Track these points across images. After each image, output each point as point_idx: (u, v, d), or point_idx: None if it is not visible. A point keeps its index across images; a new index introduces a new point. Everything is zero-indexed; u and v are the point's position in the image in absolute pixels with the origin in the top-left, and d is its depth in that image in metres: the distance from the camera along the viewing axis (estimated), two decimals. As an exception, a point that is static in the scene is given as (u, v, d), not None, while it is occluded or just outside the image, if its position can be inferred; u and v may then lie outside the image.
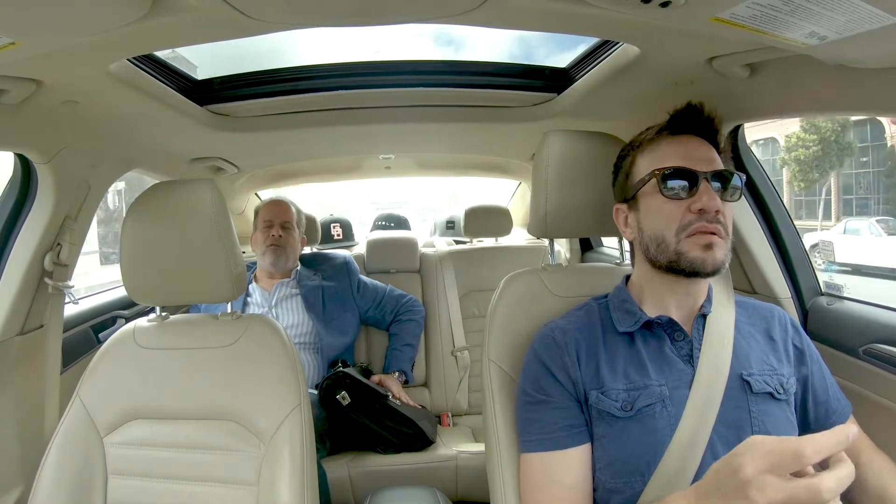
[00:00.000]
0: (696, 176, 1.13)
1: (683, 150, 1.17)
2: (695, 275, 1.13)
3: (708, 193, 1.11)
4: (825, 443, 0.74)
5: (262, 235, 2.68)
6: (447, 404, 2.93)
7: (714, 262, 1.11)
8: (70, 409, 1.44)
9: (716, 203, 1.11)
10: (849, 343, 1.51)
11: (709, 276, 1.13)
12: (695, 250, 1.11)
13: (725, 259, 1.12)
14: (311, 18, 1.16)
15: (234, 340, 1.48)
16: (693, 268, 1.12)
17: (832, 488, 0.73)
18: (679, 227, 1.13)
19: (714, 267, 1.11)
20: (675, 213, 1.14)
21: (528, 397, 1.20)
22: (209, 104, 1.83)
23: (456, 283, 3.16)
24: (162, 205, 1.46)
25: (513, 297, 1.44)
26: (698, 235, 1.11)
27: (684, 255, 1.12)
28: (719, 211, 1.12)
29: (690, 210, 1.13)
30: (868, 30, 0.85)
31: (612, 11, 1.03)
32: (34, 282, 1.73)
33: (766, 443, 0.78)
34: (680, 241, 1.13)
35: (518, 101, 2.02)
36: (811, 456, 0.73)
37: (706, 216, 1.11)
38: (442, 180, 23.67)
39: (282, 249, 2.65)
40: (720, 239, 1.11)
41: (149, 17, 0.98)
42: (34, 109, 1.39)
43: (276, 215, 2.71)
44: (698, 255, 1.11)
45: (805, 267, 1.74)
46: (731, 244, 1.15)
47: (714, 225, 1.11)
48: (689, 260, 1.12)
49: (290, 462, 1.34)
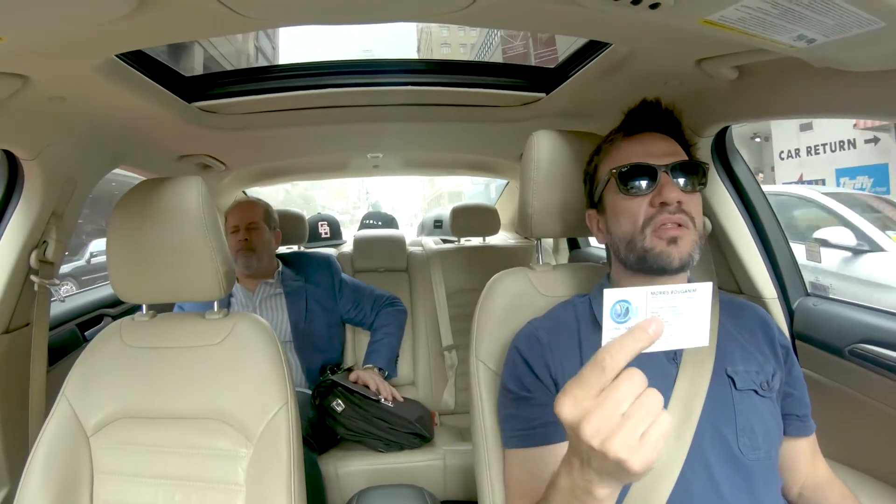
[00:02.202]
0: (655, 170, 1.14)
1: (641, 148, 1.19)
2: (663, 272, 1.13)
3: (668, 185, 1.12)
4: (621, 342, 0.68)
5: (231, 240, 2.65)
6: (434, 404, 2.93)
7: (681, 256, 1.11)
8: (56, 408, 1.43)
9: (676, 194, 1.12)
10: (834, 343, 1.52)
11: (677, 271, 1.13)
12: (660, 245, 1.12)
13: (693, 251, 1.12)
14: (299, 15, 1.15)
15: (222, 339, 1.47)
16: (660, 263, 1.12)
17: (627, 349, 0.68)
18: (643, 223, 1.14)
19: (681, 261, 1.11)
20: (637, 210, 1.15)
21: (510, 394, 1.21)
22: (197, 101, 1.82)
23: (444, 282, 3.16)
24: (149, 202, 1.45)
25: (500, 297, 1.44)
26: (662, 229, 1.12)
27: (651, 252, 1.13)
28: (682, 202, 1.12)
29: (652, 204, 1.14)
30: (856, 33, 0.86)
31: (601, 12, 1.03)
32: (20, 279, 1.71)
33: (564, 391, 0.71)
34: (646, 238, 1.13)
35: (507, 100, 2.02)
36: (611, 360, 0.67)
37: (668, 208, 1.12)
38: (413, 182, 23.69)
39: (251, 252, 2.62)
40: (685, 230, 1.12)
41: (136, 13, 0.97)
42: (20, 105, 1.37)
43: (241, 219, 2.68)
44: (664, 250, 1.11)
45: (791, 268, 1.75)
46: (699, 236, 1.15)
47: (677, 216, 1.12)
48: (656, 256, 1.12)
49: (276, 461, 1.34)
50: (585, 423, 0.67)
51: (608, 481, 0.73)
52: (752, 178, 1.76)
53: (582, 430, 0.68)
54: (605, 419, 0.67)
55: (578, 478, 0.75)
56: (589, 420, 0.67)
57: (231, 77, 1.87)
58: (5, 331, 1.70)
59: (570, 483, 0.77)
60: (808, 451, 1.26)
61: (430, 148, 2.98)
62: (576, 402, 0.68)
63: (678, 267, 1.12)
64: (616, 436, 0.66)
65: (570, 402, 0.69)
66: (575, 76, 1.70)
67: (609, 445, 0.66)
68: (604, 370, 0.67)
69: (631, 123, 1.24)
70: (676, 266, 1.12)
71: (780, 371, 1.21)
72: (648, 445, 0.66)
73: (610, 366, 0.67)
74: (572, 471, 0.76)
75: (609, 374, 0.67)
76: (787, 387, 1.22)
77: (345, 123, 2.19)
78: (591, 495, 0.75)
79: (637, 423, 0.66)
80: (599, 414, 0.67)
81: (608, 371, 0.67)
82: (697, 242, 1.14)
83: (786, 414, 1.22)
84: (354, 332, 2.94)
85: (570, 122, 1.98)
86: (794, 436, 1.23)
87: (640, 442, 0.66)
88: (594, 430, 0.67)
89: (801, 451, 1.25)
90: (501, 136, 2.48)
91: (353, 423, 2.33)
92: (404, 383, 2.94)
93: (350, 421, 2.32)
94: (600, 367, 0.68)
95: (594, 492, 0.74)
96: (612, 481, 0.73)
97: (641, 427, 0.66)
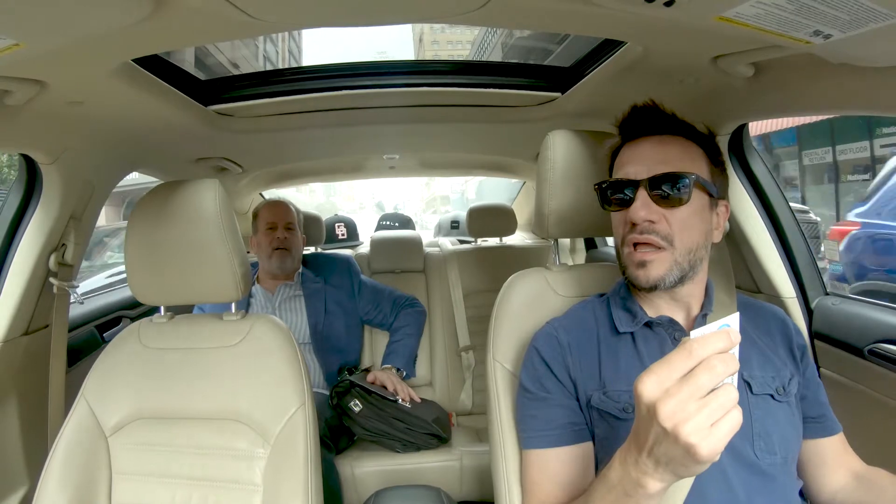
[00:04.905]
0: (633, 184, 1.12)
1: (632, 156, 1.16)
2: (643, 289, 1.13)
3: (639, 202, 1.09)
4: (709, 336, 0.71)
5: (266, 238, 2.67)
6: (451, 404, 2.92)
7: (649, 279, 1.10)
8: (75, 408, 1.44)
9: (643, 213, 1.09)
10: (854, 343, 1.50)
11: (651, 290, 1.12)
12: (632, 267, 1.12)
13: (667, 273, 1.10)
14: (313, 18, 1.16)
15: (239, 340, 1.48)
16: (636, 284, 1.12)
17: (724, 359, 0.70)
18: (622, 240, 1.14)
19: (650, 283, 1.10)
20: (618, 225, 1.16)
21: (529, 394, 1.20)
22: (213, 104, 1.83)
23: (460, 282, 3.16)
24: (167, 205, 1.46)
25: (518, 297, 1.43)
26: (632, 252, 1.11)
27: (626, 269, 1.13)
28: (653, 221, 1.09)
29: (626, 222, 1.12)
30: (873, 28, 0.85)
31: (615, 10, 1.03)
32: (39, 282, 1.73)
33: (649, 370, 0.73)
34: (624, 254, 1.14)
35: (522, 100, 2.01)
36: (699, 348, 0.70)
37: (637, 228, 1.10)
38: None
39: (288, 252, 2.64)
40: (657, 252, 1.09)
41: (151, 17, 0.98)
42: (39, 110, 1.39)
43: (279, 217, 2.71)
44: (633, 272, 1.12)
45: (810, 267, 1.73)
46: (679, 254, 1.10)
47: (645, 236, 1.10)
48: (630, 275, 1.12)
49: (294, 461, 1.34)
50: (663, 404, 0.70)
51: (663, 474, 0.75)
52: (770, 175, 1.74)
53: (659, 410, 0.70)
54: (682, 402, 0.69)
55: (633, 469, 0.77)
56: (666, 401, 0.70)
57: (246, 80, 1.88)
58: (25, 332, 1.72)
59: (622, 475, 0.79)
60: (833, 451, 1.22)
61: (446, 149, 2.98)
62: (659, 381, 0.71)
63: (649, 288, 1.11)
64: (690, 420, 0.68)
65: (654, 380, 0.72)
66: (590, 75, 1.69)
67: (681, 429, 0.68)
68: (690, 355, 0.70)
69: (627, 131, 1.21)
70: (647, 288, 1.11)
71: (797, 375, 1.19)
72: (718, 435, 0.68)
73: (696, 354, 0.70)
74: (627, 461, 0.79)
75: (693, 362, 0.70)
76: (802, 389, 1.20)
77: (360, 125, 2.20)
78: (643, 489, 0.76)
79: (712, 411, 0.68)
80: (678, 396, 0.69)
81: (694, 358, 0.70)
82: (676, 262, 1.10)
83: (804, 416, 1.20)
84: (372, 332, 2.94)
85: (586, 122, 1.97)
86: (813, 437, 1.21)
87: (710, 430, 0.68)
88: (670, 412, 0.69)
89: (826, 451, 1.22)
90: (517, 136, 2.48)
91: (371, 424, 2.33)
92: (421, 384, 2.94)
93: (367, 421, 2.33)
94: (687, 352, 0.70)
95: (647, 485, 0.76)
96: (668, 474, 0.75)
97: (715, 416, 0.68)
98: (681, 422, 0.68)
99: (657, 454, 0.73)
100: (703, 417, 0.68)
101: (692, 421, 0.68)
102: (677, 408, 0.69)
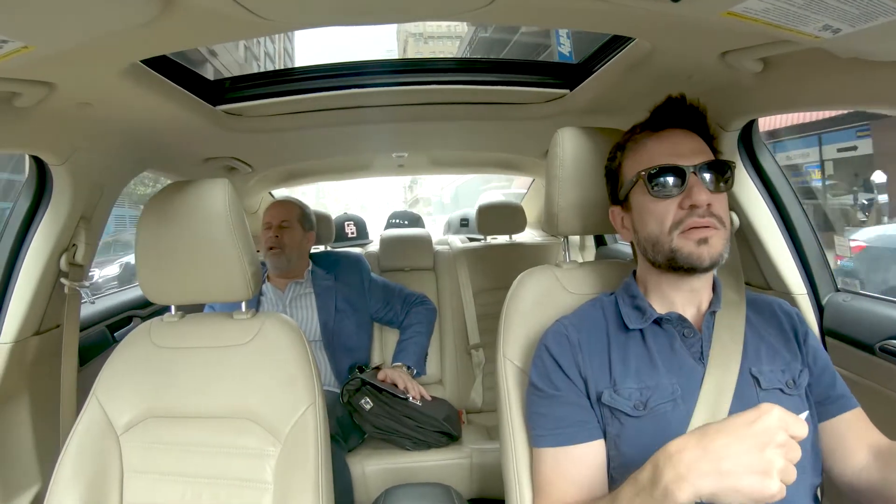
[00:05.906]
0: (683, 171, 1.12)
1: (668, 146, 1.17)
2: (693, 270, 1.12)
3: (697, 187, 1.11)
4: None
5: (263, 237, 2.68)
6: (462, 402, 2.93)
7: (711, 256, 1.10)
8: (86, 407, 1.45)
9: (705, 197, 1.11)
10: (865, 339, 1.49)
11: (707, 269, 1.12)
12: (689, 246, 1.11)
13: (724, 250, 1.12)
14: (320, 17, 1.16)
15: (250, 339, 1.49)
16: (690, 263, 1.11)
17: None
18: (672, 225, 1.13)
19: (711, 260, 1.10)
20: (666, 212, 1.14)
21: (539, 392, 1.20)
22: (221, 104, 1.84)
23: (470, 280, 3.17)
24: (176, 204, 1.47)
25: (528, 295, 1.43)
26: (692, 230, 1.11)
27: (679, 252, 1.12)
28: (711, 204, 1.11)
29: (681, 207, 1.12)
30: (883, 22, 0.84)
31: (623, 7, 1.03)
32: (50, 282, 1.74)
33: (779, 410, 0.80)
34: (674, 239, 1.12)
35: (530, 97, 2.01)
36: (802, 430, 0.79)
37: (697, 211, 1.11)
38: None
39: (280, 250, 2.63)
40: (715, 230, 1.11)
41: (160, 18, 0.98)
42: (48, 112, 1.40)
43: (274, 217, 2.71)
44: (693, 251, 1.10)
45: (821, 262, 1.73)
46: (728, 234, 1.14)
47: (706, 219, 1.11)
48: (685, 256, 1.11)
49: (304, 459, 1.35)
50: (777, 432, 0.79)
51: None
52: (780, 171, 1.73)
53: (774, 434, 0.79)
54: (793, 444, 0.79)
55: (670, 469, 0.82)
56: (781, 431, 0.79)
57: (254, 80, 1.89)
58: (36, 332, 1.73)
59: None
60: (851, 428, 1.19)
61: (455, 146, 2.98)
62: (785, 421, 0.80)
63: (708, 266, 1.11)
64: (785, 460, 0.78)
65: (783, 415, 0.80)
66: (598, 72, 1.69)
67: (778, 457, 0.78)
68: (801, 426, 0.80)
69: (657, 120, 1.22)
70: (707, 265, 1.11)
71: (807, 368, 1.19)
72: (779, 486, 0.77)
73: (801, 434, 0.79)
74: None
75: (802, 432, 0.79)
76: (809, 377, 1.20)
77: (369, 123, 2.20)
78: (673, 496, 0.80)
79: (789, 474, 0.78)
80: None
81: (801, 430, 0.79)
82: (727, 242, 1.13)
83: (816, 402, 1.19)
84: (382, 330, 2.95)
85: (595, 119, 1.96)
86: (828, 418, 1.19)
87: (782, 485, 0.77)
88: (784, 440, 0.78)
89: (844, 429, 1.19)
90: (526, 133, 2.47)
91: (381, 422, 2.34)
92: (432, 382, 2.94)
93: (378, 419, 2.33)
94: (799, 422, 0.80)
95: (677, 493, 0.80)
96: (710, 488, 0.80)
97: (787, 479, 0.77)
98: (784, 453, 0.77)
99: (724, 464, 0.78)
100: (791, 471, 0.77)
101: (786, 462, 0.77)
102: (789, 445, 0.78)
